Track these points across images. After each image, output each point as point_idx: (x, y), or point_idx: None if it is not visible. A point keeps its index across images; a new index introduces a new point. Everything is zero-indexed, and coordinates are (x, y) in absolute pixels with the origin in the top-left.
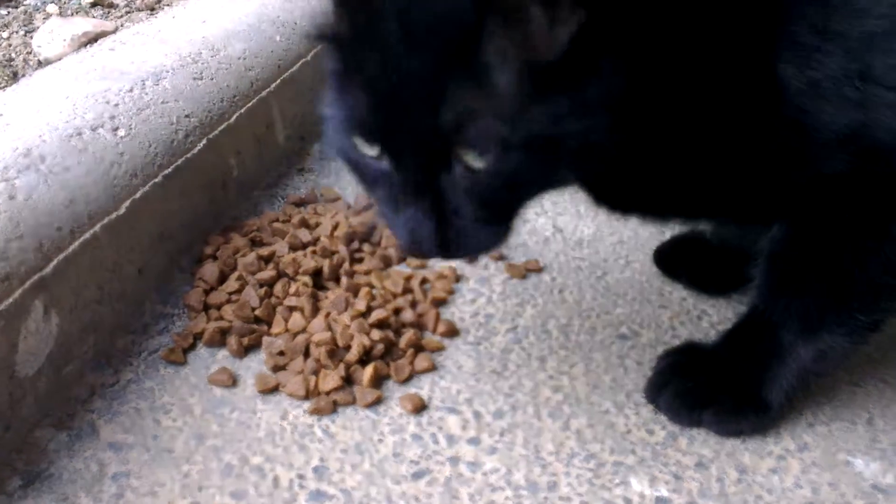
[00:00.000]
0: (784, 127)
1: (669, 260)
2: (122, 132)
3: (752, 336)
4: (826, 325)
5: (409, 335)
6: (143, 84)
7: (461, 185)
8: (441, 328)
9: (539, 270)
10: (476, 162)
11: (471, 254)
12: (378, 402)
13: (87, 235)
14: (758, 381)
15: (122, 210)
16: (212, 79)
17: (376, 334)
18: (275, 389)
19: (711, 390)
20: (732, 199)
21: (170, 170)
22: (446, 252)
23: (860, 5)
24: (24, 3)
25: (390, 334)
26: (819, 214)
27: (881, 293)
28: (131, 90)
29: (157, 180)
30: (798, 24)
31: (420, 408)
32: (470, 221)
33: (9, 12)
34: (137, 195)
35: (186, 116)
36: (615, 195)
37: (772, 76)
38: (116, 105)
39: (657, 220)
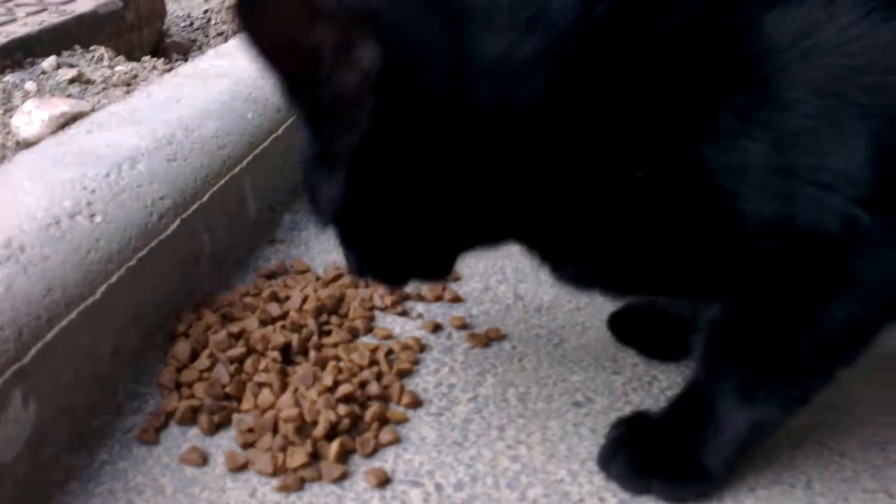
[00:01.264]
0: (711, 210)
1: (622, 326)
2: (98, 218)
3: (692, 407)
4: (759, 398)
5: (374, 409)
6: (120, 168)
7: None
8: (405, 399)
9: (500, 338)
10: None
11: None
12: (344, 477)
13: (65, 322)
14: (698, 450)
15: (98, 295)
16: (185, 159)
17: (342, 409)
18: (244, 467)
19: (658, 459)
20: (669, 277)
21: (144, 252)
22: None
23: (786, 100)
24: (3, 80)
25: (356, 408)
26: (755, 293)
27: (810, 371)
28: (108, 175)
29: (131, 263)
30: (721, 109)
31: (384, 482)
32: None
33: None
34: (112, 279)
35: (161, 198)
36: (561, 267)
37: (696, 159)
38: (93, 191)
39: (602, 292)
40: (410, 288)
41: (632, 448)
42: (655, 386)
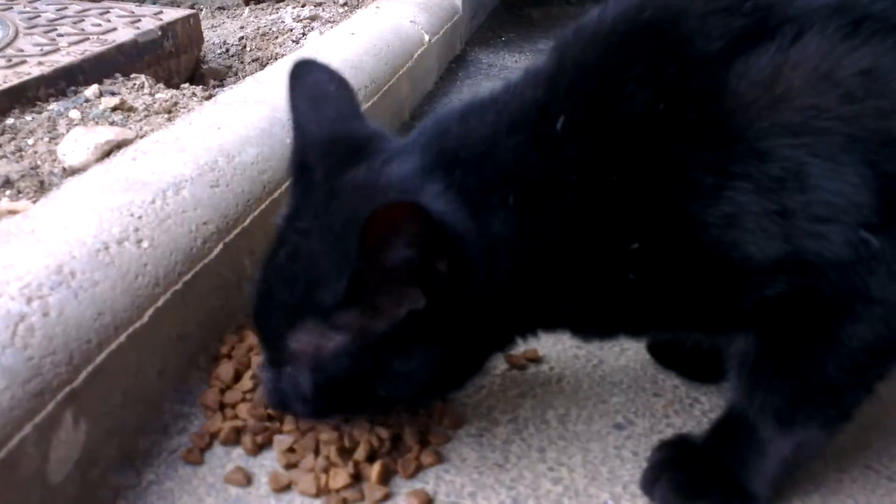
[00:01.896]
0: (710, 262)
1: (661, 349)
2: (145, 244)
3: (734, 431)
4: (799, 420)
5: (415, 429)
6: (165, 195)
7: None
8: (446, 420)
9: (538, 360)
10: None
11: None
12: (386, 498)
13: (114, 346)
14: (743, 474)
15: (146, 318)
16: (227, 185)
17: (383, 432)
18: (287, 488)
19: (702, 483)
20: (687, 320)
21: (189, 276)
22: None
23: (762, 149)
24: (47, 108)
25: (396, 429)
26: (773, 326)
27: (842, 390)
28: (153, 201)
29: (177, 287)
30: (700, 169)
31: (425, 501)
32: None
33: (33, 118)
34: (159, 303)
35: (204, 224)
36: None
37: (686, 220)
38: (140, 217)
39: (625, 337)
40: None
41: (675, 472)
42: (697, 408)
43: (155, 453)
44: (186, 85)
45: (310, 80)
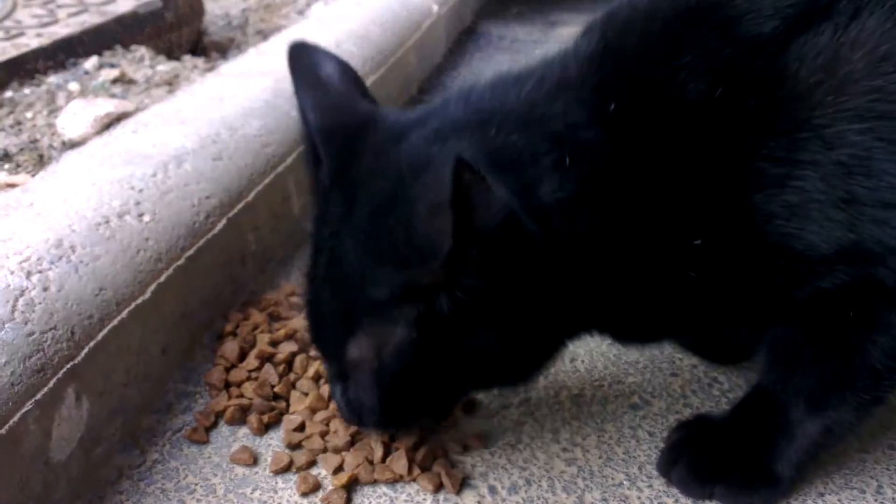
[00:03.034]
0: (772, 253)
1: None
2: (147, 218)
3: (761, 412)
4: (832, 404)
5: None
6: (166, 168)
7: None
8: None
9: None
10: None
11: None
12: (398, 480)
13: (116, 322)
14: (767, 455)
15: (148, 294)
16: (230, 158)
17: None
18: (290, 468)
19: (722, 464)
20: (737, 317)
21: (192, 251)
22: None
23: (828, 136)
24: (46, 81)
25: None
26: (819, 313)
27: (882, 375)
28: (154, 174)
29: (180, 262)
30: (763, 158)
31: (438, 485)
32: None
33: (32, 91)
34: (162, 279)
35: (207, 198)
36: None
37: (747, 209)
38: (141, 191)
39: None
40: None
41: (694, 453)
42: (716, 388)
43: (159, 432)
44: (188, 57)
45: (305, 66)
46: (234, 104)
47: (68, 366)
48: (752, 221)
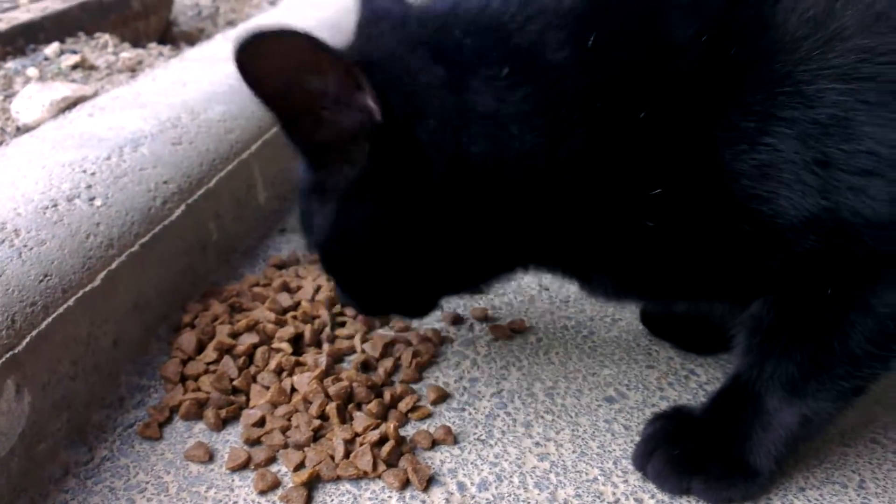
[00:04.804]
0: (738, 215)
1: (656, 319)
2: (98, 202)
3: (737, 402)
4: (810, 392)
5: (398, 412)
6: (121, 151)
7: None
8: (432, 395)
9: (525, 330)
10: None
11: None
12: (362, 476)
13: (61, 310)
14: (745, 447)
15: (98, 282)
16: (191, 143)
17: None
18: (247, 465)
19: (699, 457)
20: (705, 284)
21: (147, 238)
22: None
23: (809, 93)
24: (5, 66)
25: (380, 410)
26: (796, 290)
27: (862, 361)
28: (109, 158)
29: (133, 249)
30: (738, 110)
31: (404, 482)
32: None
33: None
34: (113, 266)
35: (165, 182)
36: (587, 282)
37: (718, 167)
38: (93, 174)
39: (635, 300)
40: None
41: (670, 445)
42: (693, 380)
43: (109, 428)
44: (154, 45)
45: None
46: (198, 89)
47: (7, 355)
48: (719, 179)
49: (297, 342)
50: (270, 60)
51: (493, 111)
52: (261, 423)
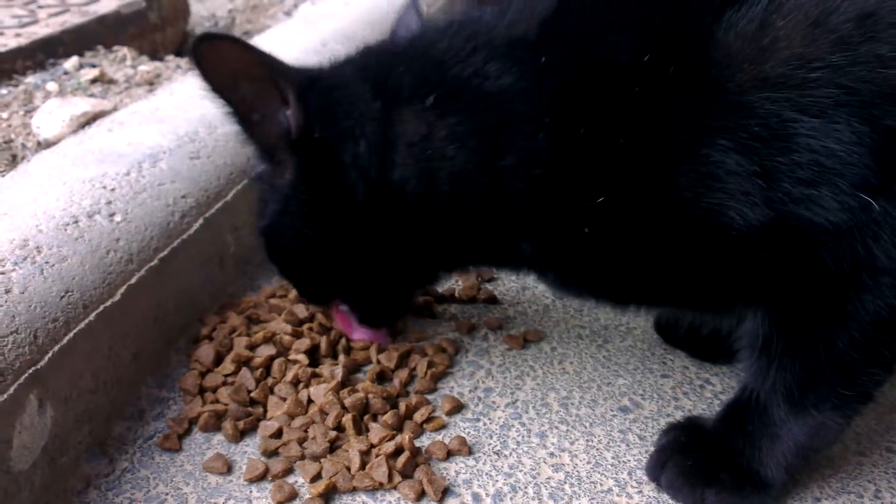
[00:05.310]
0: (688, 228)
1: (670, 329)
2: (118, 218)
3: (746, 413)
4: (811, 402)
5: (412, 425)
6: (140, 167)
7: None
8: (447, 406)
9: (539, 340)
10: None
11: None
12: (378, 488)
13: (83, 325)
14: (756, 458)
15: (118, 296)
16: (209, 157)
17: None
18: (265, 476)
19: (713, 468)
20: (675, 289)
21: (166, 252)
22: None
23: (744, 103)
24: (25, 81)
25: (394, 422)
26: (783, 300)
27: (856, 368)
28: (128, 173)
29: (152, 264)
30: (674, 124)
31: (420, 493)
32: None
33: (9, 91)
34: (133, 280)
35: (183, 197)
36: (542, 275)
37: (657, 178)
38: (113, 190)
39: (617, 306)
40: (442, 288)
41: (684, 456)
42: (708, 390)
43: (130, 440)
44: (171, 57)
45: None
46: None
47: (30, 370)
48: (663, 190)
49: (313, 353)
50: (215, 62)
51: (420, 138)
52: (278, 434)
